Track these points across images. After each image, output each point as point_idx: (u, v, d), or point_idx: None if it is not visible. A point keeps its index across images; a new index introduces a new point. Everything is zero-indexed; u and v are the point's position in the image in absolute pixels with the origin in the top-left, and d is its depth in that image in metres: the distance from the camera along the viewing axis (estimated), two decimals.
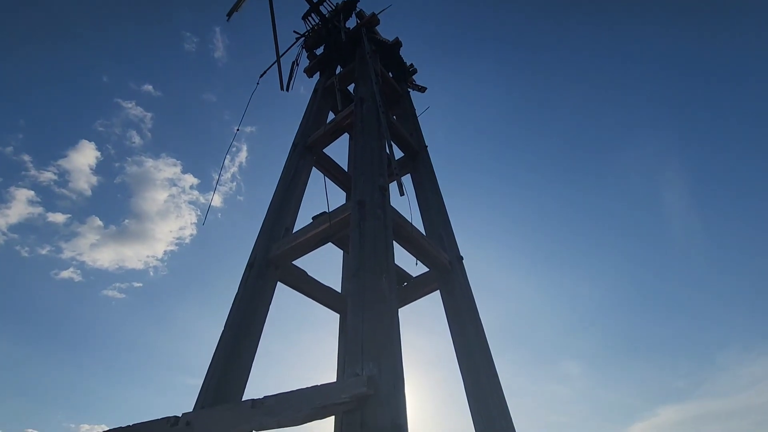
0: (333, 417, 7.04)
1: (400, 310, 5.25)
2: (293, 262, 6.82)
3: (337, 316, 7.91)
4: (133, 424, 5.34)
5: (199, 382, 5.61)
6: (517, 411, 5.68)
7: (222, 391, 5.31)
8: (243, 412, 4.23)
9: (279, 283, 6.60)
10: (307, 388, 3.85)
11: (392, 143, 7.16)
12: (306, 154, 7.80)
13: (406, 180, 8.28)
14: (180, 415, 5.00)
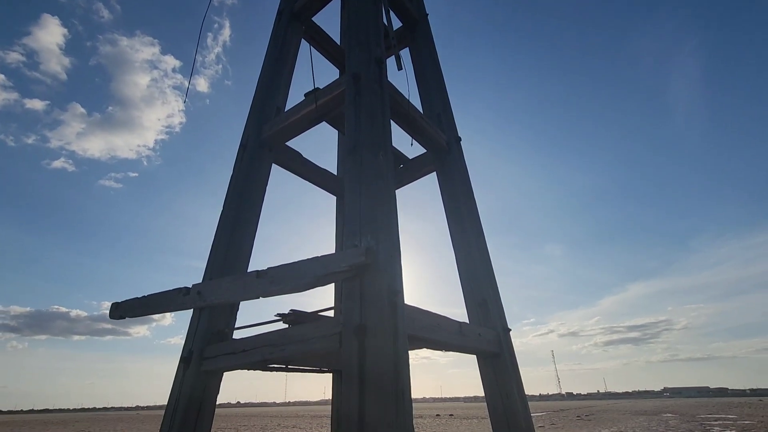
0: (333, 285, 7.62)
1: (396, 191, 5.28)
2: (287, 144, 6.65)
3: (334, 199, 8.03)
4: (147, 295, 5.74)
5: (202, 264, 5.89)
6: (503, 289, 6.11)
7: (227, 266, 5.61)
8: (249, 282, 4.50)
9: (275, 168, 6.52)
10: (308, 259, 4.03)
11: (389, 10, 6.44)
12: (293, 22, 7.06)
13: (404, 54, 7.67)
14: (191, 286, 5.34)
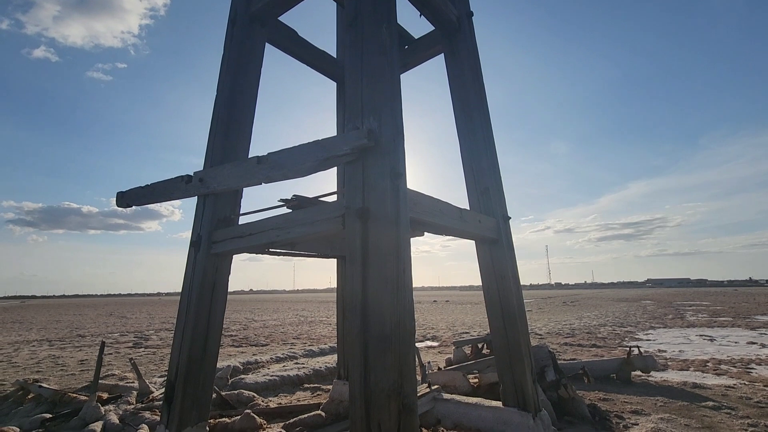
0: (335, 171, 7.61)
1: (401, 76, 4.92)
2: (281, 20, 6.06)
3: (334, 87, 7.60)
4: (151, 183, 5.74)
5: (199, 161, 5.77)
6: (504, 186, 6.05)
7: (227, 152, 5.50)
8: (250, 168, 4.44)
9: (271, 54, 6.02)
10: (309, 143, 3.91)
11: None
12: None
13: None
14: (192, 174, 5.31)
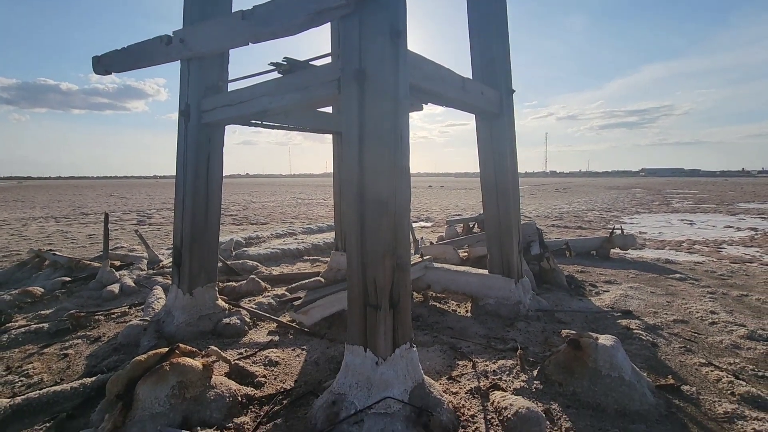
0: (330, 35, 7.07)
1: None
2: None
3: None
4: (128, 46, 5.30)
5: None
6: (512, 67, 5.61)
7: (206, 9, 4.99)
8: (234, 25, 4.06)
9: None
10: None
11: None
12: None
13: None
14: (171, 34, 4.88)
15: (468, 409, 3.66)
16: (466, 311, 6.21)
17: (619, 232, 10.96)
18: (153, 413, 3.37)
